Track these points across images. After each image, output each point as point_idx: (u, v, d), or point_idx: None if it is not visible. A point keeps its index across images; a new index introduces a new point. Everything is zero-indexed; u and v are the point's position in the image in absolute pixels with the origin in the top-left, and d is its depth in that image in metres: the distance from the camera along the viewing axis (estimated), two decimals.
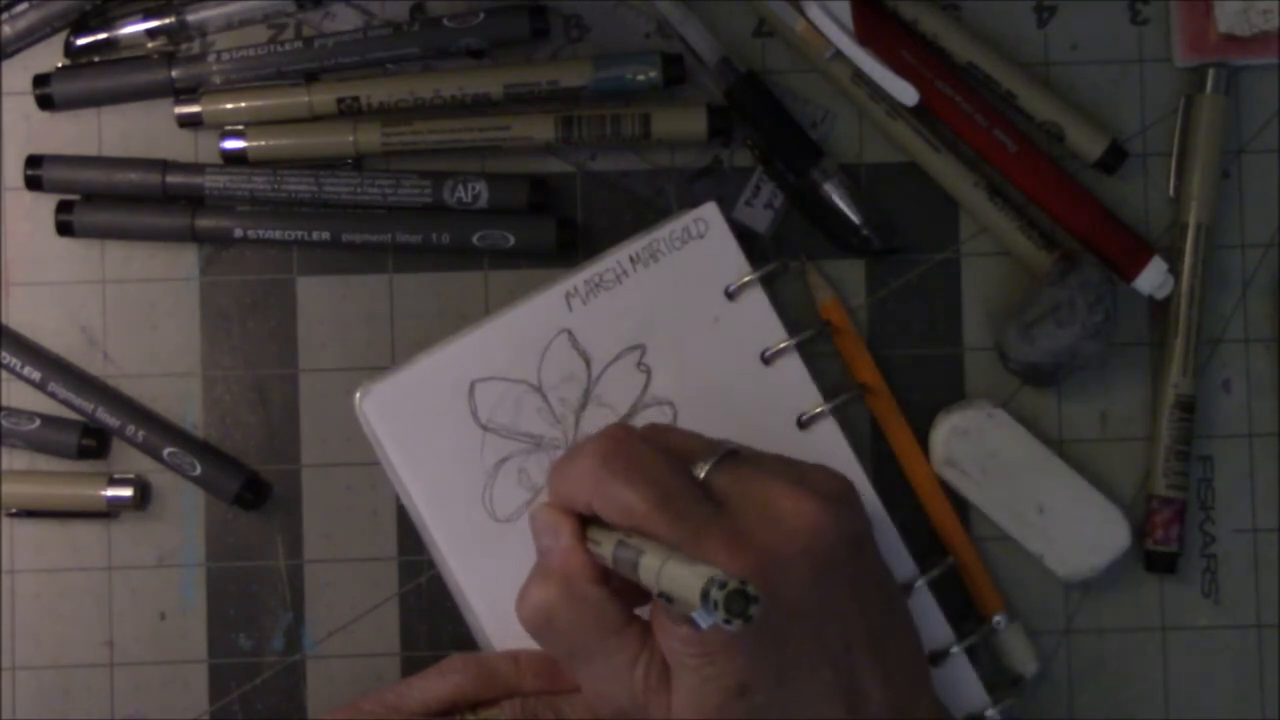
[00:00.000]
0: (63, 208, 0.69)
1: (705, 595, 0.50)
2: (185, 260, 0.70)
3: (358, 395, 0.68)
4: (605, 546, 0.59)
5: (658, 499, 0.58)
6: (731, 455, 0.61)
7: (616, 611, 0.60)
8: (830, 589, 0.59)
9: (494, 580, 0.66)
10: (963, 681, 0.67)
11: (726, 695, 0.57)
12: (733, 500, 0.60)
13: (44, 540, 0.69)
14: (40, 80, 0.69)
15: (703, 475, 0.60)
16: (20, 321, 0.70)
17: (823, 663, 0.58)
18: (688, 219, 0.68)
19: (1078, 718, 0.70)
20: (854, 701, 0.59)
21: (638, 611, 0.61)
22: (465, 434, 0.67)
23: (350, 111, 0.69)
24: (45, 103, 0.70)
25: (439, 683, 0.65)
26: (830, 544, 0.59)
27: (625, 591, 0.60)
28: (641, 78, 0.68)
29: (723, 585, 0.50)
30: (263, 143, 0.69)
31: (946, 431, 0.68)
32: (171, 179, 0.69)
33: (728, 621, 0.50)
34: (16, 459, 0.69)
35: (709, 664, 0.57)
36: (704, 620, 0.51)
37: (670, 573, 0.53)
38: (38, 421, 0.69)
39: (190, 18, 0.70)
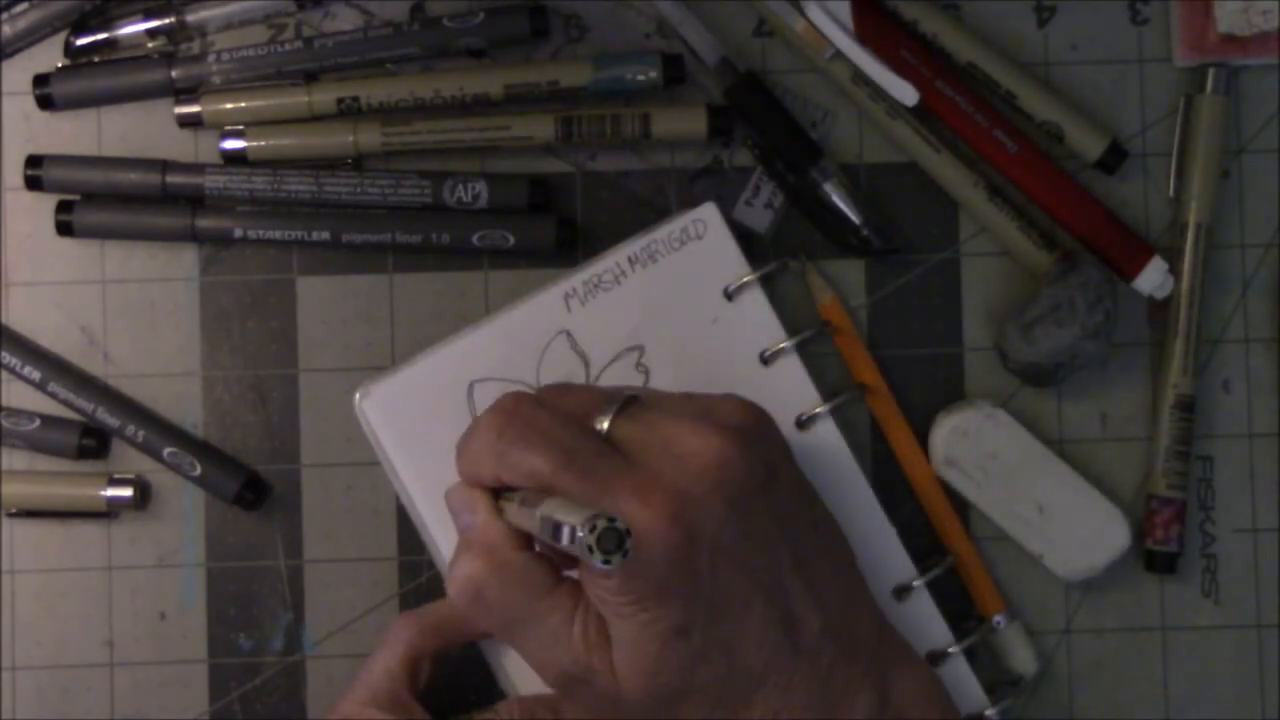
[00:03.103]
0: (63, 208, 0.69)
1: (575, 537, 0.50)
2: (185, 260, 0.70)
3: (358, 395, 0.68)
4: (513, 511, 0.59)
5: (560, 459, 0.57)
6: (632, 402, 0.60)
7: (544, 574, 0.59)
8: (750, 520, 0.58)
9: None
10: (962, 682, 0.67)
11: (666, 638, 0.57)
12: (639, 448, 0.59)
13: (44, 540, 0.69)
14: (40, 80, 0.70)
15: (605, 427, 0.59)
16: (20, 321, 0.70)
17: (755, 594, 0.58)
18: (686, 219, 0.68)
19: (1078, 718, 0.70)
20: (791, 628, 0.59)
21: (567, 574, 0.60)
22: None
23: (350, 111, 0.69)
24: (45, 103, 0.70)
25: (392, 650, 0.64)
26: (741, 475, 0.58)
27: (552, 555, 0.60)
28: (641, 78, 0.68)
29: (593, 527, 0.50)
30: (263, 143, 0.69)
31: (946, 431, 0.68)
32: (171, 179, 0.69)
33: (606, 561, 0.50)
34: (16, 459, 0.70)
35: (642, 610, 0.57)
36: (595, 562, 0.51)
37: (553, 517, 0.53)
38: (38, 421, 0.69)
39: (190, 18, 0.70)
